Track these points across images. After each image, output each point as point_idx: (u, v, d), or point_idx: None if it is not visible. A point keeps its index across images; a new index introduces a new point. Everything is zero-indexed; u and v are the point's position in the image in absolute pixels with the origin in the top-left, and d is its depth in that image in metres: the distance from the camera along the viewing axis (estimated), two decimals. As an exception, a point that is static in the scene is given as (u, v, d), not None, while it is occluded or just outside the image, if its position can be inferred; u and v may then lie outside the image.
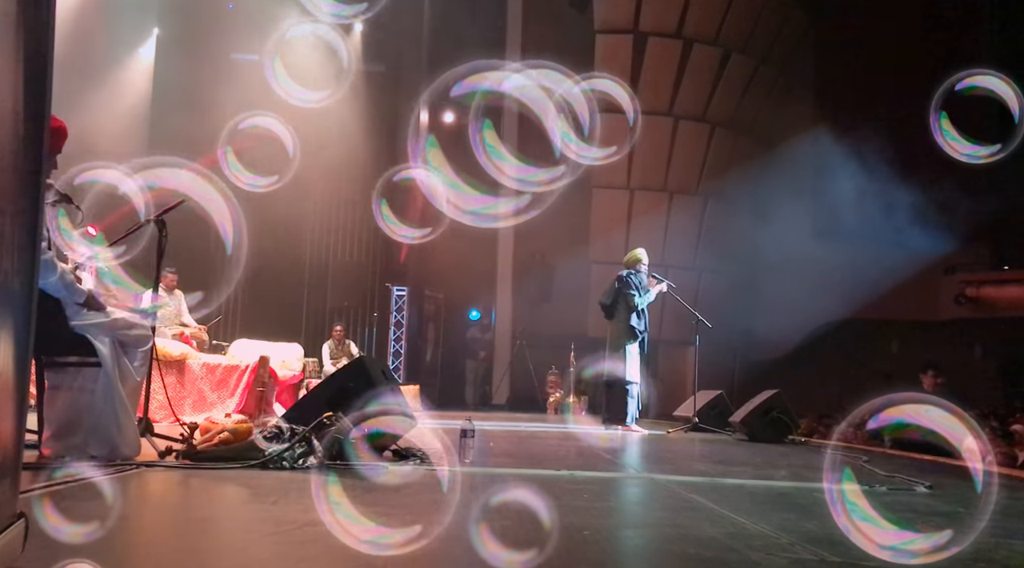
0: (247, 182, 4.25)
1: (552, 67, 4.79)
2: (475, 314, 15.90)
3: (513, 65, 4.77)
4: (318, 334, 12.01)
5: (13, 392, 1.60)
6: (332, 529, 2.10)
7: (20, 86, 1.61)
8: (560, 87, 4.58)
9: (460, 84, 4.30)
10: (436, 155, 4.03)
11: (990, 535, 2.67)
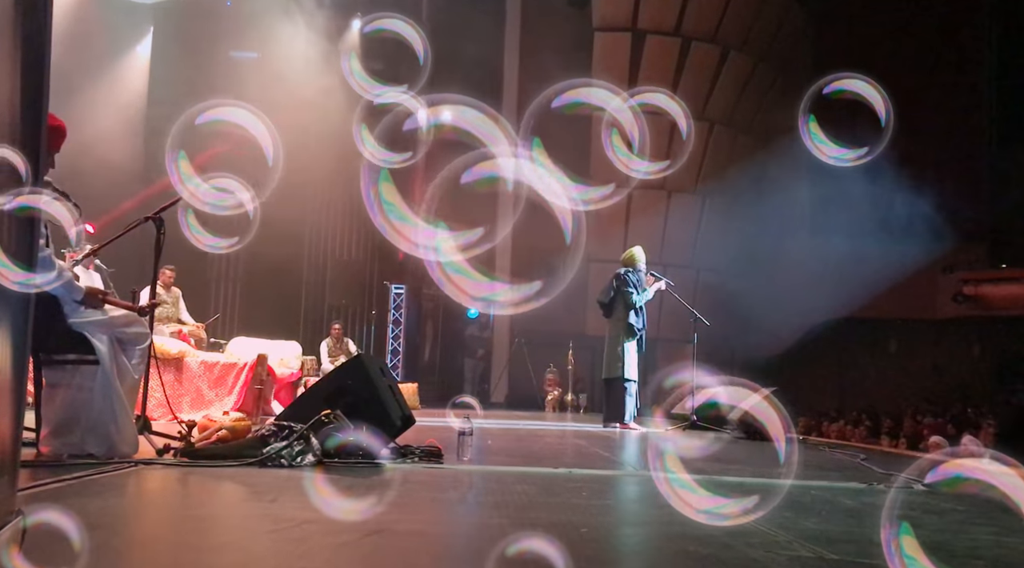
0: (204, 242, 3.87)
1: (600, 84, 4.83)
2: (473, 312, 15.90)
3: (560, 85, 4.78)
4: (316, 332, 12.00)
5: (11, 390, 1.60)
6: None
7: (18, 84, 1.61)
8: (609, 104, 4.60)
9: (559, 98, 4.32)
10: (388, 189, 3.97)
11: (987, 533, 2.67)
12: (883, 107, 4.33)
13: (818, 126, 4.44)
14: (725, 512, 2.39)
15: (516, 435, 6.78)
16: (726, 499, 2.58)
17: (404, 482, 3.31)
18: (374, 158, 4.22)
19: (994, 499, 2.90)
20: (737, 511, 2.37)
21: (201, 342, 7.92)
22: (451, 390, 14.99)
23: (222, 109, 3.94)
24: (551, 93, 4.43)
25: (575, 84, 4.77)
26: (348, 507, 2.54)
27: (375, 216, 3.64)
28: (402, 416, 4.28)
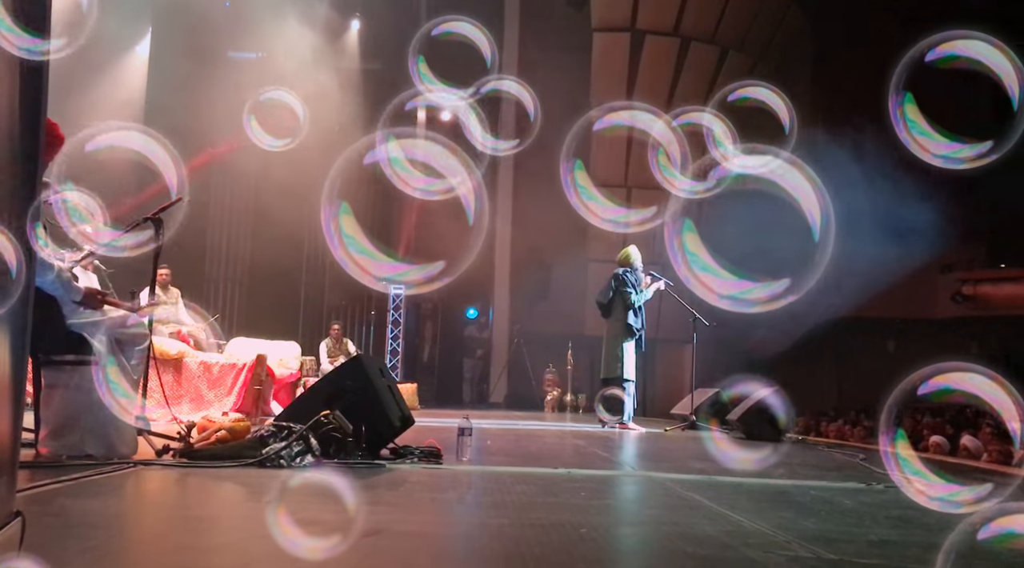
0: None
1: (641, 107, 4.86)
2: (473, 312, 15.90)
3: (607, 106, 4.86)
4: (315, 332, 12.01)
5: (9, 391, 1.60)
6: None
7: (16, 84, 1.61)
8: (652, 127, 4.63)
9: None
10: (349, 222, 4.01)
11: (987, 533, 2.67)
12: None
13: (917, 110, 3.68)
14: (959, 500, 2.36)
15: (515, 435, 6.78)
16: (960, 486, 2.52)
17: (403, 482, 3.31)
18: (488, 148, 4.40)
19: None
20: (971, 499, 2.34)
21: (200, 342, 7.91)
22: (450, 390, 15.01)
23: (115, 134, 3.91)
24: (594, 116, 4.48)
25: (615, 107, 4.82)
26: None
27: (335, 249, 3.68)
28: (401, 416, 4.28)
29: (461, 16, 4.35)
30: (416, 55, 4.71)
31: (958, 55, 3.57)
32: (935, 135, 3.67)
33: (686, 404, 8.60)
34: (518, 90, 4.74)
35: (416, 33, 4.65)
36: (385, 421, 4.09)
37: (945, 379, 2.75)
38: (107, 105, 11.58)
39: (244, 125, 4.14)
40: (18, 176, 1.64)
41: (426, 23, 4.61)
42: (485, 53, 4.64)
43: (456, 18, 4.28)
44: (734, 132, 4.75)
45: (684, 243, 3.97)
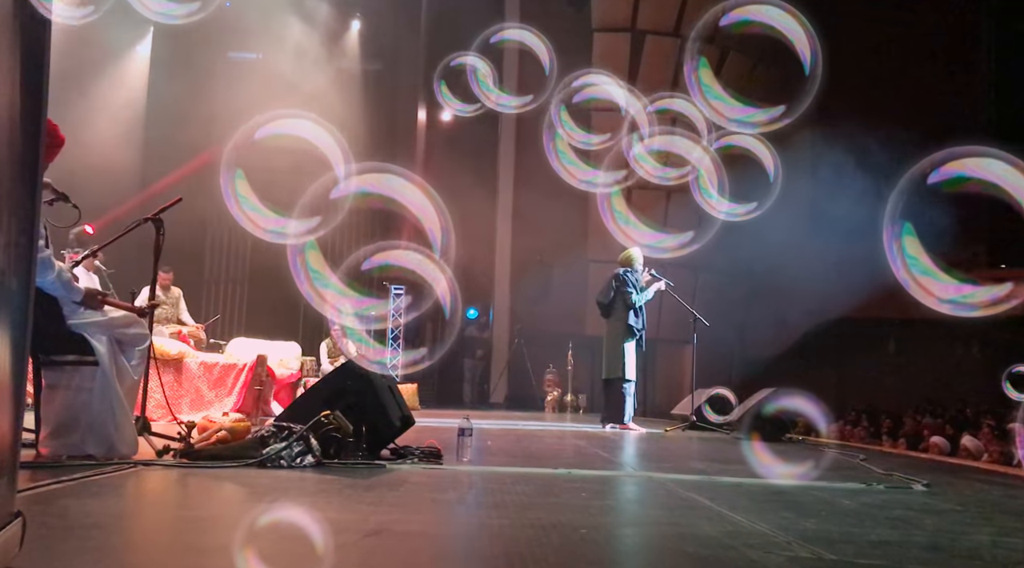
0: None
1: (681, 133, 4.98)
2: (473, 312, 15.90)
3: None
4: (316, 333, 11.99)
5: (10, 391, 1.60)
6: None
7: (17, 84, 1.61)
8: (691, 152, 4.72)
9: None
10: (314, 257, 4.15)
11: (987, 533, 2.67)
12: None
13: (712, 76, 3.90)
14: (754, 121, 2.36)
15: (515, 435, 6.78)
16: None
17: (403, 483, 3.31)
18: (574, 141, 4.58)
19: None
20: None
21: (200, 343, 7.91)
22: (450, 391, 15.00)
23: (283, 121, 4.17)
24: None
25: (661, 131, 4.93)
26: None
27: (301, 284, 3.86)
28: (401, 417, 4.28)
29: (522, 24, 4.56)
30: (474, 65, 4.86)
31: (752, 20, 3.78)
32: (730, 100, 3.91)
33: (686, 404, 8.60)
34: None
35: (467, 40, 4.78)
36: (385, 421, 4.09)
37: (960, 166, 2.64)
38: (108, 106, 11.58)
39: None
40: (18, 177, 1.64)
41: (486, 31, 4.76)
42: (544, 61, 4.81)
43: (515, 26, 4.48)
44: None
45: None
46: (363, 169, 3.95)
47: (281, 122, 4.05)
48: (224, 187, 3.70)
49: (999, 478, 4.78)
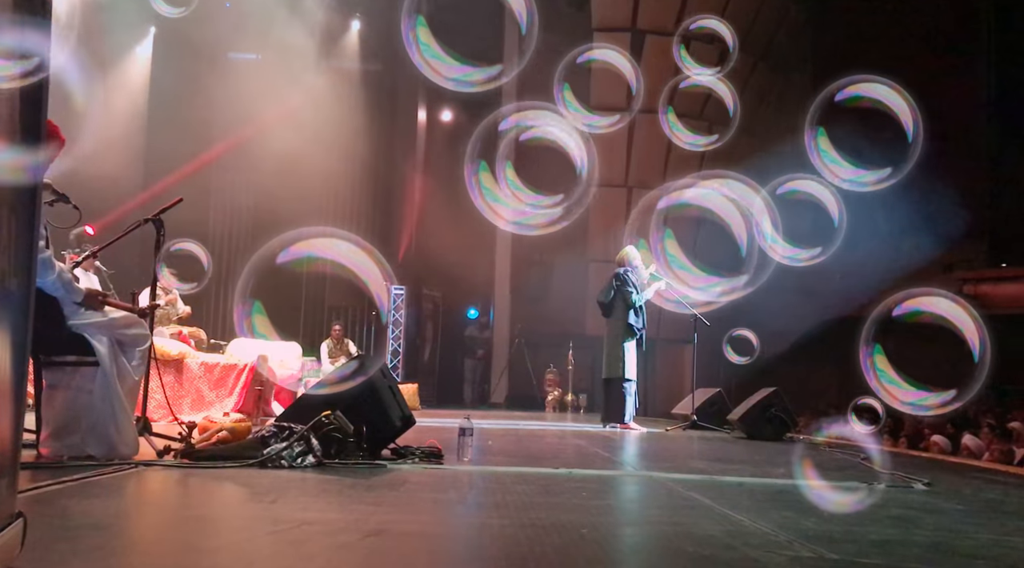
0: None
1: (736, 176, 5.10)
2: (473, 312, 15.90)
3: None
4: (316, 333, 12.01)
5: (11, 391, 1.60)
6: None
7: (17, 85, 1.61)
8: (745, 199, 4.79)
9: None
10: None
11: (987, 533, 2.67)
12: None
13: (828, 142, 4.17)
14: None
15: (516, 435, 6.78)
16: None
17: (404, 483, 3.31)
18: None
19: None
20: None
21: (201, 343, 7.92)
22: (451, 391, 15.01)
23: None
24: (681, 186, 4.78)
25: (709, 175, 5.10)
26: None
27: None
28: (402, 417, 4.28)
29: (606, 44, 4.76)
30: (561, 83, 5.05)
31: (863, 96, 4.11)
32: (841, 162, 4.22)
33: (687, 404, 8.60)
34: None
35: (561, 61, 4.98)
36: (386, 421, 4.10)
37: (915, 303, 3.03)
38: (109, 106, 11.57)
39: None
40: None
41: (572, 51, 4.99)
42: (630, 79, 4.96)
43: (601, 46, 4.68)
44: None
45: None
46: (309, 234, 3.93)
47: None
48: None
49: (1000, 477, 4.78)
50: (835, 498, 2.93)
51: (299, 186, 11.90)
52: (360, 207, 13.30)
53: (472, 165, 4.52)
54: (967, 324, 2.74)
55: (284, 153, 11.70)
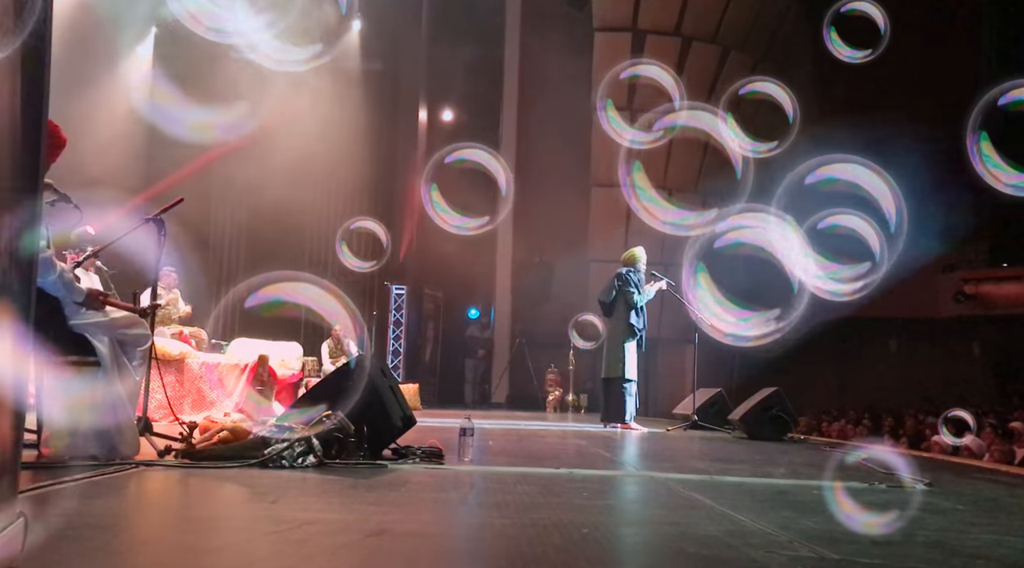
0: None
1: (773, 213, 5.15)
2: (474, 312, 15.90)
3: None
4: (317, 333, 12.00)
5: (12, 392, 1.60)
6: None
7: (18, 84, 1.61)
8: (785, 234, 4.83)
9: None
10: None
11: (989, 532, 2.67)
12: None
13: (991, 146, 4.00)
14: None
15: (517, 435, 6.78)
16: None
17: (405, 483, 3.31)
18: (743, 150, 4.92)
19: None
20: None
21: (202, 343, 7.92)
22: (452, 391, 15.01)
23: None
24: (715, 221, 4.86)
25: (749, 209, 5.18)
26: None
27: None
28: (403, 417, 4.29)
29: (650, 60, 4.86)
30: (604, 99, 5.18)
31: (837, 178, 4.05)
32: (1007, 167, 4.03)
33: (688, 404, 8.60)
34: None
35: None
36: (387, 421, 4.10)
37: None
38: (110, 106, 11.58)
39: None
40: (20, 178, 1.64)
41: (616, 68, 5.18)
42: (673, 95, 5.01)
43: (645, 62, 4.79)
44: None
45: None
46: (275, 278, 3.95)
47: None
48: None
49: (1001, 477, 4.77)
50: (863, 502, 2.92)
51: (299, 186, 11.90)
52: (361, 207, 13.28)
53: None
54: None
55: (284, 153, 11.70)
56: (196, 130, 4.88)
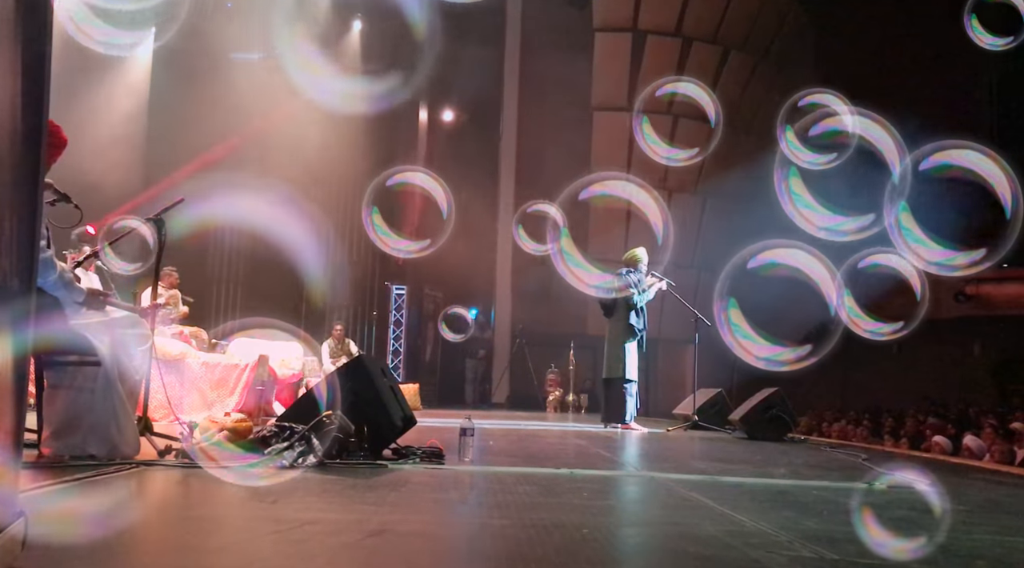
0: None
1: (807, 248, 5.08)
2: (475, 312, 15.90)
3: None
4: (318, 333, 12.01)
5: (12, 391, 1.60)
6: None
7: (18, 84, 1.61)
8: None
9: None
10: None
11: (988, 532, 2.67)
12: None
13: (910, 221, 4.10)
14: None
15: (517, 436, 6.78)
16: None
17: (405, 483, 3.31)
18: (798, 159, 4.67)
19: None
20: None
21: (202, 343, 7.92)
22: (452, 391, 15.01)
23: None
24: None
25: (781, 244, 5.06)
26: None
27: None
28: (403, 417, 4.28)
29: (686, 77, 4.76)
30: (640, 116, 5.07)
31: (951, 164, 3.91)
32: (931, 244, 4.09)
33: (688, 404, 8.60)
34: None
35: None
36: (387, 421, 4.09)
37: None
38: (110, 106, 11.59)
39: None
40: (20, 178, 1.65)
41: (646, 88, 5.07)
42: (710, 113, 4.99)
43: (682, 79, 4.69)
44: None
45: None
46: (246, 325, 4.18)
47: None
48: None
49: (1001, 478, 4.77)
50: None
51: (300, 186, 11.90)
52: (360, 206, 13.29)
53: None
54: (822, 275, 2.77)
55: (284, 152, 11.70)
56: (348, 100, 4.88)
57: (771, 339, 4.25)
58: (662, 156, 5.58)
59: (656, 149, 5.43)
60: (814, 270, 2.88)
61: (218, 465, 3.41)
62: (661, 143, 5.47)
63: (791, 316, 5.80)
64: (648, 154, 5.53)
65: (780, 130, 4.70)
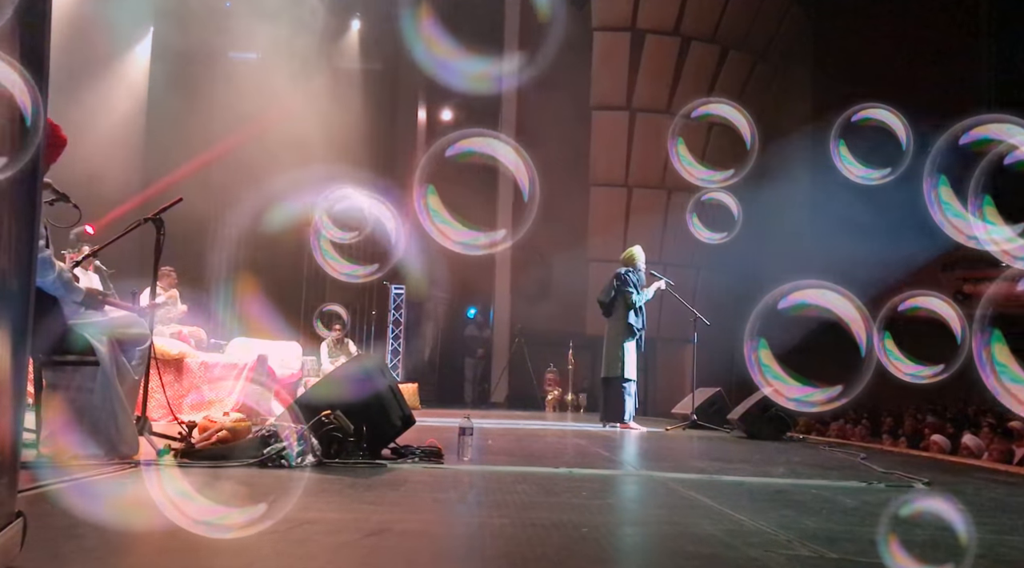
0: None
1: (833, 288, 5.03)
2: (473, 312, 15.90)
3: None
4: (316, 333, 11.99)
5: (11, 391, 1.60)
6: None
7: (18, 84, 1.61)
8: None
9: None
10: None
11: (988, 532, 2.67)
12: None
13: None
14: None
15: (516, 435, 6.78)
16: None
17: (404, 482, 3.31)
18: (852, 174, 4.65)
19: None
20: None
21: (201, 343, 7.92)
22: (451, 390, 15.00)
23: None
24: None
25: (810, 284, 4.98)
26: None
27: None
28: (402, 416, 4.28)
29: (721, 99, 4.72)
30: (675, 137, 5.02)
31: (993, 138, 3.85)
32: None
33: (687, 403, 8.60)
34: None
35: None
36: (386, 421, 4.09)
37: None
38: (109, 106, 11.58)
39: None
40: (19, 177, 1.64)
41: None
42: (745, 135, 4.98)
43: (716, 100, 4.66)
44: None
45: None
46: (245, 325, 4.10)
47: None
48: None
49: (1000, 476, 4.78)
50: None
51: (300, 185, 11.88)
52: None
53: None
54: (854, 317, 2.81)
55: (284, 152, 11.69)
56: (475, 81, 4.75)
57: (801, 380, 4.22)
58: (698, 178, 5.56)
59: (692, 171, 5.40)
60: (845, 311, 2.90)
61: (217, 465, 3.41)
62: (696, 165, 5.44)
63: (821, 357, 5.78)
64: (683, 176, 5.50)
65: (833, 145, 4.70)
